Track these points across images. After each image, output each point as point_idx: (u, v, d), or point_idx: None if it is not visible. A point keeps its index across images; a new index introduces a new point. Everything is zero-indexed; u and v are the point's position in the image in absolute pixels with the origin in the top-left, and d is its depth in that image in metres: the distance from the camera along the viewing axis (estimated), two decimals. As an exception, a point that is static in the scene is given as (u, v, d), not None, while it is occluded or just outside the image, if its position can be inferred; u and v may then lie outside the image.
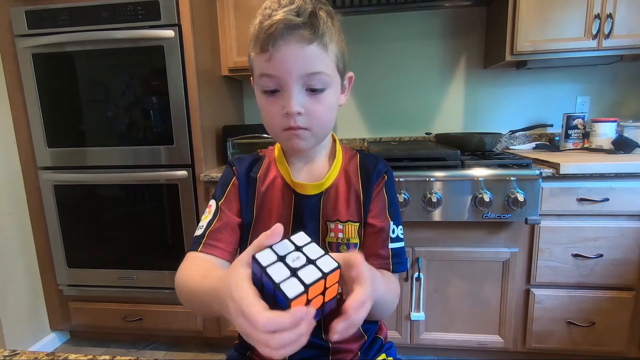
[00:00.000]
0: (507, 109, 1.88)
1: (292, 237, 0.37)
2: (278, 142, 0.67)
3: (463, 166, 1.35)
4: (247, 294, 0.34)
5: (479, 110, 1.90)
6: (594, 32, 1.45)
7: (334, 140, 0.70)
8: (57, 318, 1.71)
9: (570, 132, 1.66)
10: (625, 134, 1.52)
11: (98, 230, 1.58)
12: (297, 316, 0.32)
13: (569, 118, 1.66)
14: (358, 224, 0.64)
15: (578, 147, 1.66)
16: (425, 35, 1.86)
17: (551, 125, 1.83)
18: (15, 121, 1.55)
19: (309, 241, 0.37)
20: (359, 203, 0.65)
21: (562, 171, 1.27)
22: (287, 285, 0.33)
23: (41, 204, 1.58)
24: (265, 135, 1.62)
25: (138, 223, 1.56)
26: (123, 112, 1.48)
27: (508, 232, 1.37)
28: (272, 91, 0.56)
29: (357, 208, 0.65)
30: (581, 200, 1.31)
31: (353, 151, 0.70)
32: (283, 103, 0.55)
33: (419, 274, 1.41)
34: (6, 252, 1.53)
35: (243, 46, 1.65)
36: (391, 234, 0.64)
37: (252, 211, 0.65)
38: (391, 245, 0.64)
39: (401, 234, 0.66)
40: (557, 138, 1.80)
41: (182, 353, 1.67)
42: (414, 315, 1.44)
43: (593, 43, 1.46)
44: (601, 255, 1.33)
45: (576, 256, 1.34)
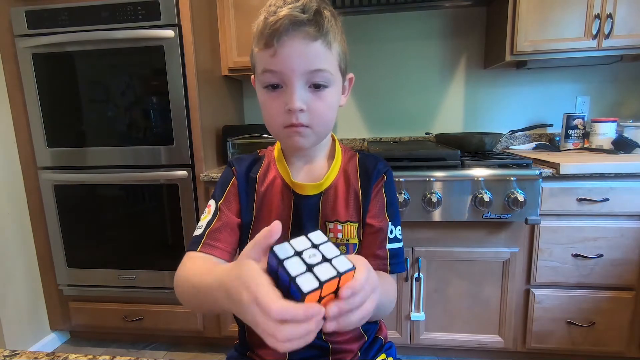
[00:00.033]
0: (507, 109, 1.88)
1: (310, 235, 0.38)
2: (278, 141, 0.67)
3: (463, 166, 1.35)
4: (263, 283, 0.35)
5: (479, 110, 1.90)
6: (594, 32, 1.45)
7: (334, 140, 0.70)
8: (57, 318, 1.71)
9: (570, 132, 1.66)
10: (625, 134, 1.52)
11: (98, 230, 1.58)
12: (310, 311, 0.32)
13: (569, 118, 1.66)
14: (357, 224, 0.64)
15: (578, 147, 1.66)
16: (425, 35, 1.86)
17: (551, 125, 1.83)
18: (15, 121, 1.55)
19: (326, 240, 0.38)
20: (358, 203, 0.65)
21: (562, 171, 1.27)
22: (303, 279, 0.33)
23: (41, 204, 1.58)
24: (265, 135, 1.62)
25: (138, 223, 1.56)
26: (123, 112, 1.48)
27: (508, 232, 1.37)
28: (275, 87, 0.56)
29: (356, 208, 0.65)
30: (581, 200, 1.31)
31: (352, 151, 0.70)
32: (285, 99, 0.55)
33: (419, 274, 1.41)
34: (6, 252, 1.53)
35: (243, 46, 1.65)
36: (389, 235, 0.64)
37: (252, 211, 0.65)
38: (389, 245, 0.64)
39: (399, 235, 0.66)
40: (557, 138, 1.80)
41: (182, 353, 1.67)
42: (414, 315, 1.44)
43: (593, 43, 1.46)
44: (601, 255, 1.33)
45: (576, 256, 1.34)
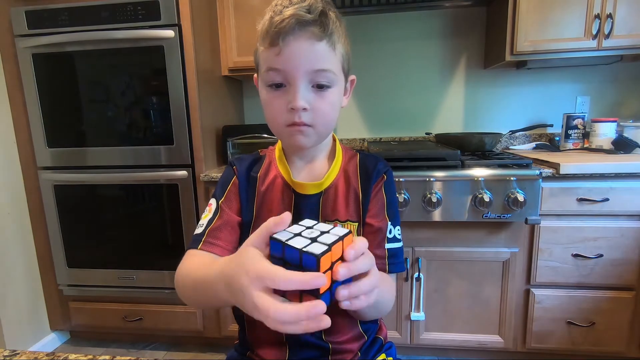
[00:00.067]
0: (507, 109, 1.88)
1: (300, 222, 0.41)
2: (280, 139, 0.67)
3: (463, 166, 1.35)
4: (265, 264, 0.36)
5: (479, 110, 1.90)
6: (594, 32, 1.45)
7: (334, 140, 0.70)
8: (57, 318, 1.71)
9: (570, 132, 1.66)
10: (625, 134, 1.52)
11: (98, 230, 1.58)
12: (316, 281, 0.33)
13: (569, 118, 1.66)
14: (357, 224, 0.64)
15: (578, 147, 1.66)
16: (425, 35, 1.86)
17: (551, 125, 1.83)
18: (15, 121, 1.55)
19: (317, 222, 0.41)
20: (358, 203, 0.65)
21: (562, 171, 1.27)
22: (312, 247, 0.35)
23: (41, 204, 1.58)
24: (265, 135, 1.62)
25: (138, 223, 1.56)
26: (123, 112, 1.48)
27: (508, 232, 1.37)
28: (278, 86, 0.56)
29: (356, 208, 0.65)
30: (581, 200, 1.31)
31: (353, 151, 0.71)
32: (288, 98, 0.56)
33: (419, 274, 1.41)
34: (6, 252, 1.53)
35: (243, 46, 1.64)
36: (388, 235, 0.64)
37: (252, 210, 0.65)
38: (388, 245, 0.64)
39: (399, 235, 0.66)
40: (557, 138, 1.80)
41: (182, 353, 1.67)
42: (414, 315, 1.44)
43: (593, 43, 1.46)
44: (601, 255, 1.33)
45: (576, 256, 1.34)
